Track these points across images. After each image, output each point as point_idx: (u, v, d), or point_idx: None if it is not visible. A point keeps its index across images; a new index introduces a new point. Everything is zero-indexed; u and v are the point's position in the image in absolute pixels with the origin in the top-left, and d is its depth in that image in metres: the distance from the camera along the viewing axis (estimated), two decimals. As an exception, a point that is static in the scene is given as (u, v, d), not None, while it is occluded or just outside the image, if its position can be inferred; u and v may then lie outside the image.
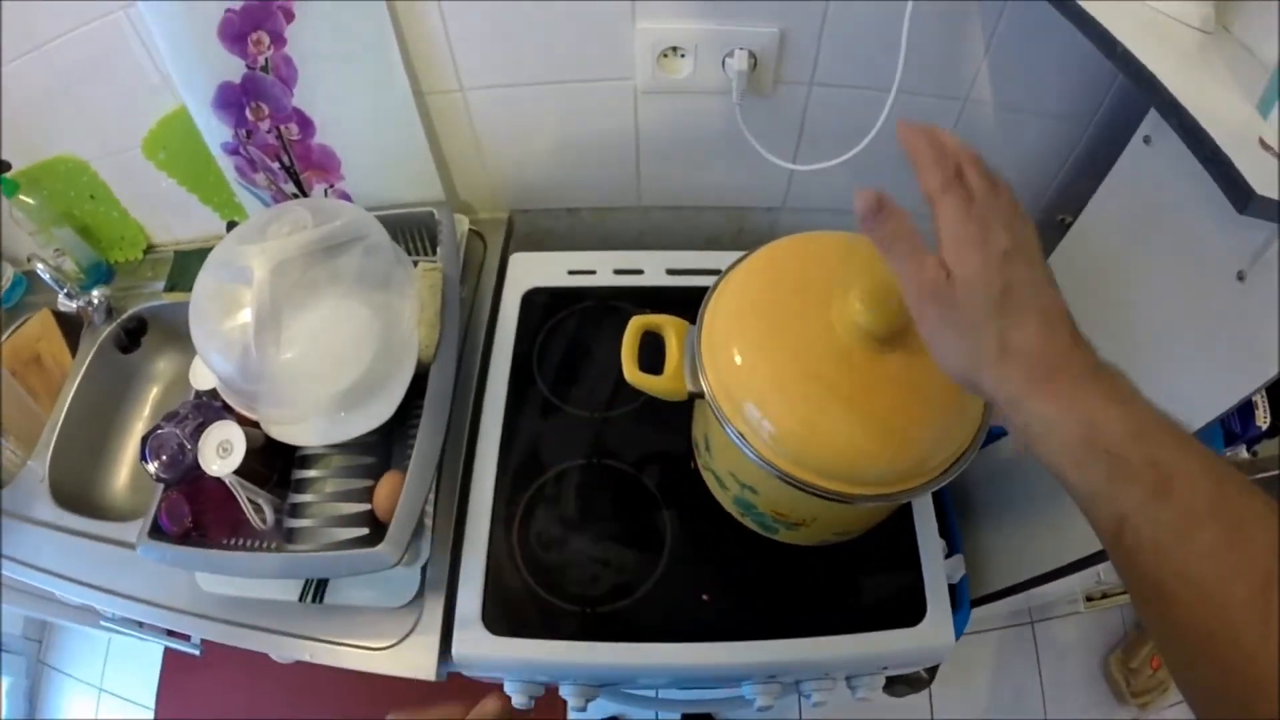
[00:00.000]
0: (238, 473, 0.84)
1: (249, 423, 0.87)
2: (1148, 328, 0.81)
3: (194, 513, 0.88)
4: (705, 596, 0.84)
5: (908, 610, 0.83)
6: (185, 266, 1.23)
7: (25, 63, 0.98)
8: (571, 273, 1.08)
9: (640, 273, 1.07)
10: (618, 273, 1.07)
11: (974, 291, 0.45)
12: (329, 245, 0.84)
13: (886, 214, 0.48)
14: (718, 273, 0.74)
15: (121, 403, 1.25)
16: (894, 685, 1.08)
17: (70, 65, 0.98)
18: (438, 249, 1.01)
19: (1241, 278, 0.66)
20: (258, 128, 1.01)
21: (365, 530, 0.86)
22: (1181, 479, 0.40)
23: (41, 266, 1.14)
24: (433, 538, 0.87)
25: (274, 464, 0.91)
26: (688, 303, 0.75)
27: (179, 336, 1.24)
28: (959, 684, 1.71)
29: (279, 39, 0.91)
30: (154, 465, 0.86)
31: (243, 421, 0.86)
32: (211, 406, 0.90)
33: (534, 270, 1.09)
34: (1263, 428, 0.85)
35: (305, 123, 1.00)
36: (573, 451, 0.94)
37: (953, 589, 0.86)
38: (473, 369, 1.01)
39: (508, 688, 0.89)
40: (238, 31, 0.90)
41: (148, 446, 0.87)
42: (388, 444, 0.93)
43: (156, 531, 0.86)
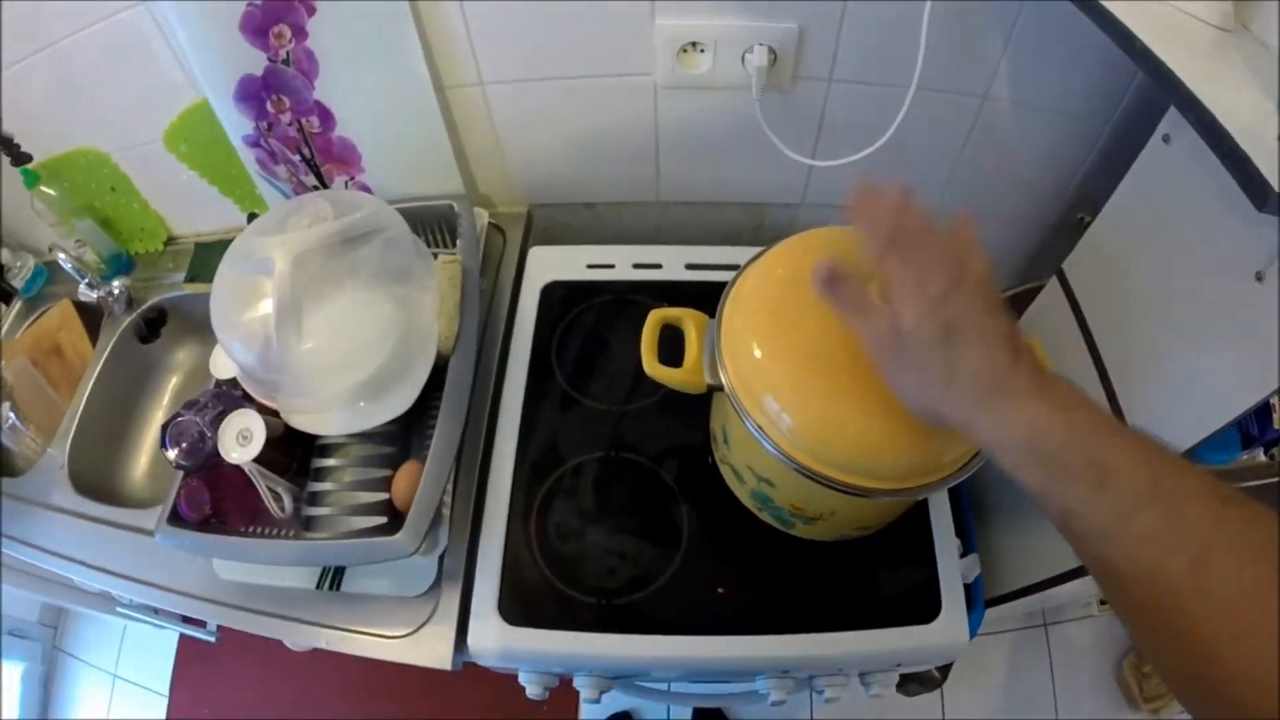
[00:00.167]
0: (257, 461, 0.84)
1: (269, 411, 0.88)
2: (1165, 328, 0.80)
3: (213, 500, 0.89)
4: (721, 590, 0.84)
5: (923, 607, 0.83)
6: (205, 258, 1.23)
7: (47, 56, 0.99)
8: (590, 267, 1.08)
9: (659, 267, 1.07)
10: (636, 267, 1.07)
11: (917, 335, 0.51)
12: (349, 237, 0.85)
13: (839, 281, 0.55)
14: (736, 268, 0.75)
15: (141, 392, 1.26)
16: (907, 684, 1.08)
17: (92, 58, 0.99)
18: (457, 242, 1.02)
19: (1260, 278, 0.66)
20: (279, 120, 1.01)
21: (383, 519, 0.86)
22: (1118, 470, 0.44)
23: (63, 256, 1.15)
24: (450, 528, 0.88)
25: (293, 453, 0.91)
26: (706, 297, 0.75)
27: (198, 327, 1.26)
28: (971, 685, 1.70)
29: (300, 32, 0.92)
30: (174, 452, 0.87)
31: (262, 410, 0.87)
32: (231, 395, 0.90)
33: (553, 264, 1.09)
34: (1281, 431, 0.84)
35: (326, 115, 1.01)
36: (591, 444, 0.94)
37: (967, 589, 0.85)
38: (491, 361, 1.02)
39: (523, 678, 0.90)
40: (259, 25, 0.91)
41: (168, 434, 0.87)
42: (407, 434, 0.94)
43: (175, 518, 0.87)
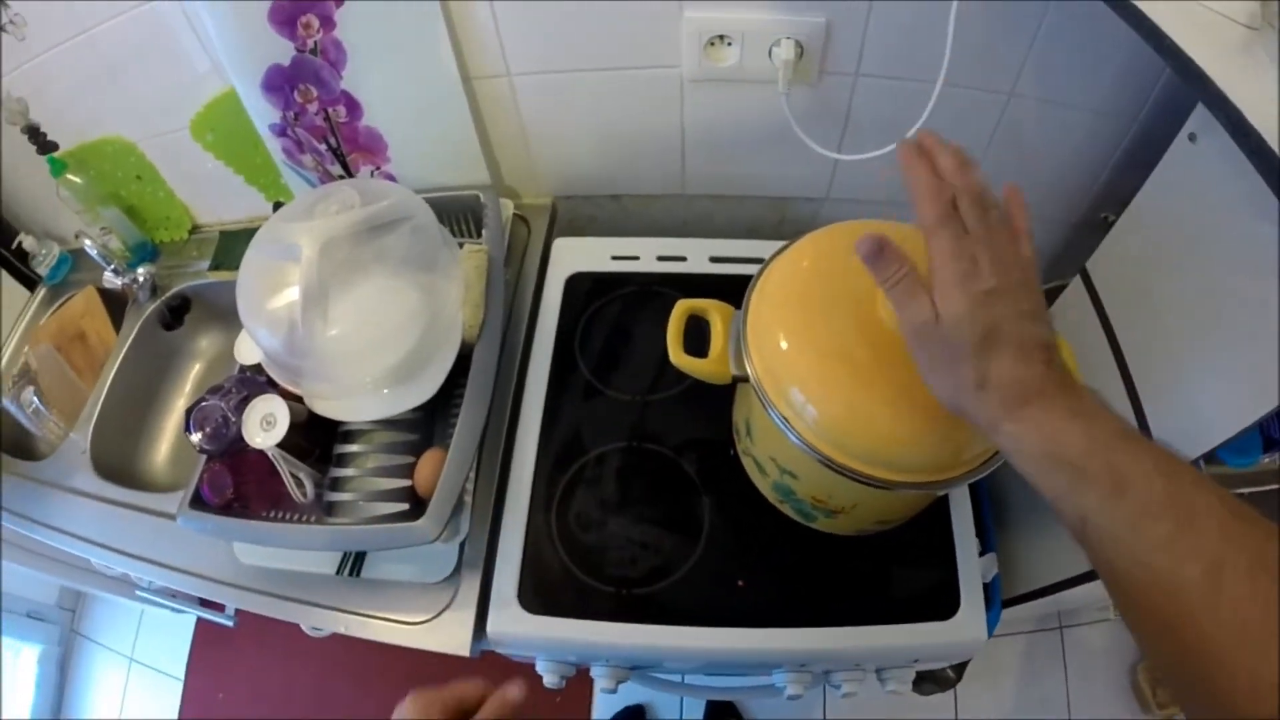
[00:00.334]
0: (280, 446, 0.85)
1: (293, 397, 0.88)
2: (1188, 327, 0.80)
3: (235, 484, 0.89)
4: (740, 582, 0.84)
5: (941, 604, 0.83)
6: (230, 247, 1.24)
7: (74, 46, 1.00)
8: (615, 258, 1.08)
9: (683, 260, 1.07)
10: (661, 259, 1.07)
11: (958, 332, 0.51)
12: (376, 225, 0.85)
13: (888, 257, 0.53)
14: (760, 261, 0.74)
15: (163, 379, 1.27)
16: (921, 683, 1.08)
17: (120, 48, 1.00)
18: (483, 232, 1.02)
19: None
20: (306, 110, 1.02)
21: (405, 506, 0.87)
22: (1135, 480, 0.44)
23: (89, 243, 1.17)
24: (472, 515, 0.88)
25: (316, 438, 0.92)
26: (731, 290, 0.75)
27: (222, 315, 1.27)
28: (985, 686, 1.70)
29: (328, 22, 0.93)
30: (198, 436, 0.87)
31: (286, 396, 0.88)
32: (256, 381, 0.91)
33: (577, 255, 1.09)
34: (1304, 434, 0.83)
35: (353, 105, 1.01)
36: (613, 434, 0.95)
37: (985, 588, 0.85)
38: (515, 351, 1.02)
39: (540, 667, 0.90)
40: (288, 15, 0.92)
41: (192, 418, 0.88)
42: (430, 422, 0.94)
43: (198, 502, 0.88)
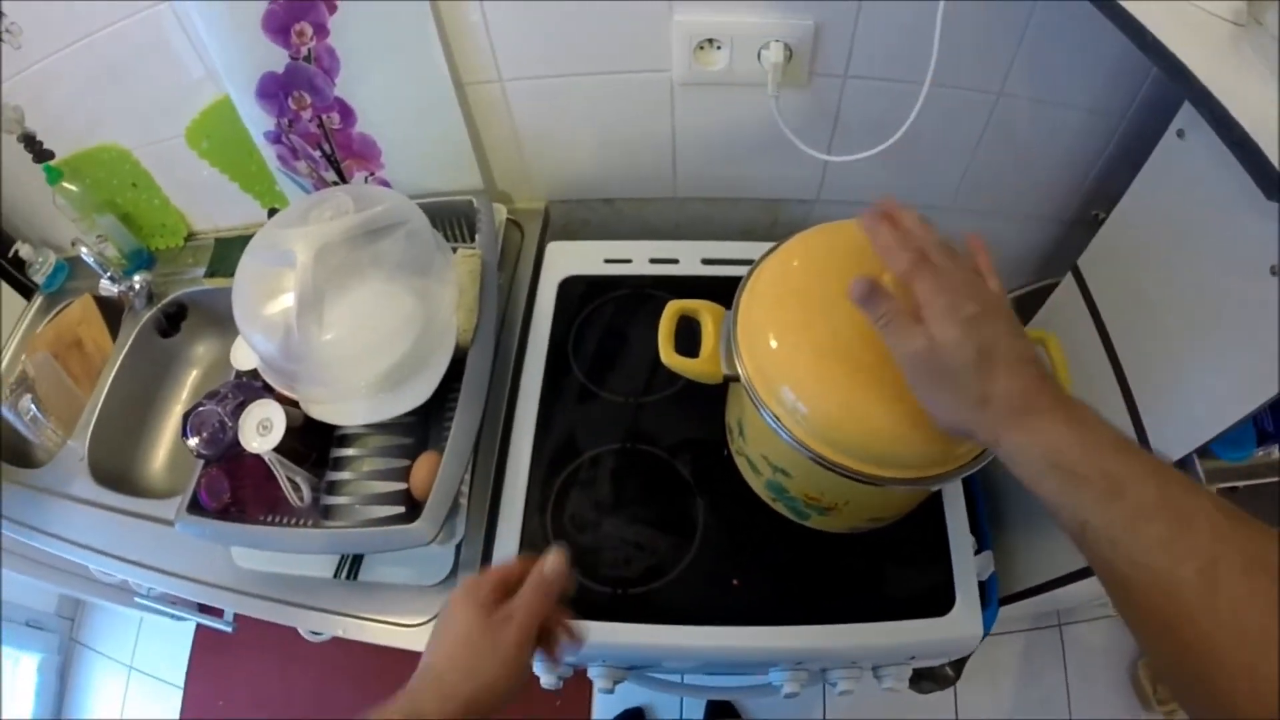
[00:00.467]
0: (277, 450, 0.85)
1: (289, 402, 0.88)
2: (1180, 323, 0.80)
3: (232, 489, 0.90)
4: (735, 581, 0.85)
5: (937, 600, 0.83)
6: (226, 253, 1.24)
7: (70, 53, 1.00)
8: (608, 261, 1.09)
9: (676, 262, 1.07)
10: (653, 262, 1.08)
11: (955, 355, 0.54)
12: (370, 230, 0.86)
13: (879, 297, 0.57)
14: (752, 263, 0.75)
15: (160, 386, 1.27)
16: (920, 682, 1.08)
17: (114, 56, 1.00)
18: (476, 236, 1.02)
19: (1275, 273, 0.66)
20: (300, 117, 1.02)
21: (401, 509, 0.87)
22: (1130, 483, 0.46)
23: (85, 251, 1.17)
24: (468, 517, 0.88)
25: (312, 443, 0.92)
26: (723, 292, 0.76)
27: (218, 322, 1.28)
28: (984, 684, 1.70)
29: (322, 30, 0.93)
30: (195, 441, 0.88)
31: (283, 401, 0.88)
32: (252, 386, 0.91)
33: (571, 258, 1.09)
34: (1296, 426, 0.83)
35: (347, 112, 1.02)
36: (607, 436, 0.95)
37: (982, 586, 0.85)
38: (510, 354, 1.02)
39: (536, 668, 0.90)
40: (281, 23, 0.92)
41: (189, 423, 0.88)
42: (425, 425, 0.95)
43: (195, 507, 0.88)
